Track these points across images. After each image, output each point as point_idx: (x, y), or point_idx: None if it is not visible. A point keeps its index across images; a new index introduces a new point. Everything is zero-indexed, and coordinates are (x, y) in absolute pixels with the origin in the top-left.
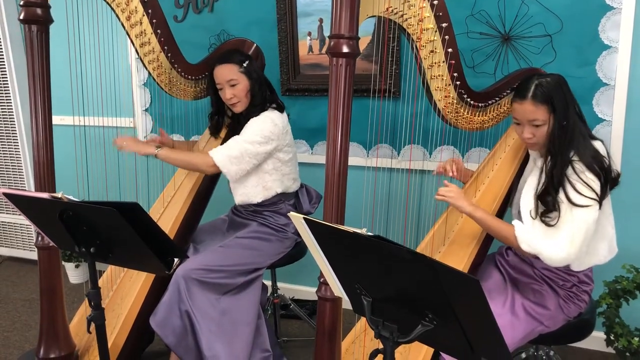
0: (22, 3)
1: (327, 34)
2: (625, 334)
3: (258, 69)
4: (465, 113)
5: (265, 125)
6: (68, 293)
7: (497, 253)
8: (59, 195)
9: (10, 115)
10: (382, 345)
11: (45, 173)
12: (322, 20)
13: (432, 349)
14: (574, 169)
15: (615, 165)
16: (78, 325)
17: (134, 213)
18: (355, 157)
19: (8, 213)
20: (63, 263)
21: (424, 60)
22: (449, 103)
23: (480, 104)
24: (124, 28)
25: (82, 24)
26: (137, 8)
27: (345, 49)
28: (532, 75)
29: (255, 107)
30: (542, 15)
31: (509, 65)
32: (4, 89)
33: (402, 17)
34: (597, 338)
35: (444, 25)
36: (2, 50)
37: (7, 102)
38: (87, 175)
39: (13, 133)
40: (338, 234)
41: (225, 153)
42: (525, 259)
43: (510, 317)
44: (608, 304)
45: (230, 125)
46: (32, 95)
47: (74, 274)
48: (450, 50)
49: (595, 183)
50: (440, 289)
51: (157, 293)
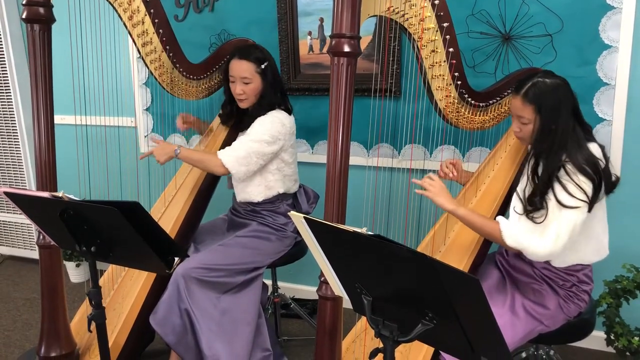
0: (24, 2)
1: (327, 34)
2: (626, 334)
3: (276, 72)
4: (466, 113)
5: (274, 126)
6: (69, 292)
7: (497, 253)
8: (60, 195)
9: (11, 115)
10: (382, 345)
11: (47, 172)
12: (322, 20)
13: (432, 348)
14: (566, 171)
15: (615, 169)
16: (79, 324)
17: (135, 212)
18: (356, 156)
19: (9, 212)
20: (64, 262)
21: (425, 60)
22: (450, 103)
23: (481, 104)
24: (126, 28)
25: (84, 24)
26: (139, 8)
27: (347, 49)
28: (536, 73)
29: (262, 107)
30: (542, 15)
31: (510, 65)
32: (5, 88)
33: (403, 16)
34: (597, 337)
35: (445, 25)
36: (2, 49)
37: (7, 101)
38: (88, 175)
39: (14, 132)
40: (338, 234)
41: (233, 155)
42: (525, 259)
43: (511, 316)
44: (608, 304)
45: (234, 121)
46: (34, 95)
47: (75, 273)
48: (451, 50)
49: (587, 185)
50: (441, 289)
51: (157, 292)
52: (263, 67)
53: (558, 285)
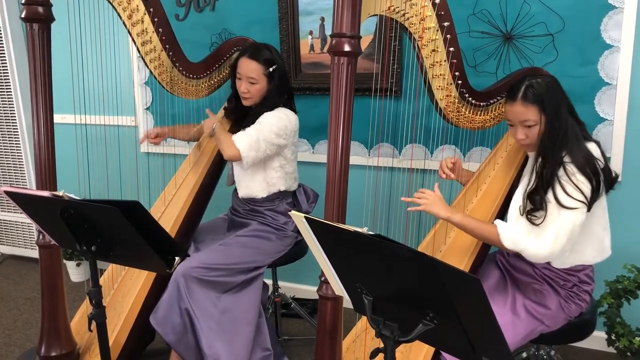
0: (23, 1)
1: (328, 33)
2: (627, 334)
3: (283, 76)
4: (467, 112)
5: (282, 121)
6: (69, 291)
7: (497, 253)
8: (60, 194)
9: (12, 114)
10: (382, 344)
11: (47, 171)
12: (323, 19)
13: (432, 348)
14: (566, 171)
15: (614, 166)
16: (79, 324)
17: (135, 211)
18: (357, 156)
19: (9, 211)
20: (64, 261)
21: (426, 59)
22: (451, 102)
23: (482, 103)
24: (126, 27)
25: (83, 23)
26: (138, 7)
27: (347, 48)
28: (524, 77)
29: (264, 108)
30: (544, 15)
31: (511, 65)
32: (6, 88)
33: (403, 16)
34: (598, 338)
35: (446, 24)
36: (3, 49)
37: (8, 100)
38: (88, 174)
39: (15, 131)
40: (339, 233)
41: (247, 139)
42: (525, 259)
43: (512, 316)
44: (609, 304)
45: (237, 117)
46: (33, 94)
47: (75, 273)
48: (452, 49)
49: (586, 186)
50: (442, 288)
51: (158, 291)
52: (271, 69)
53: (559, 285)
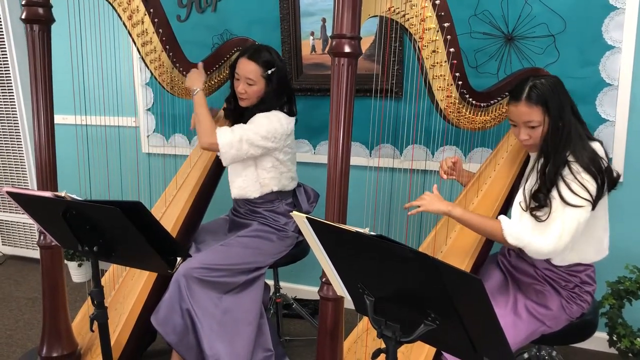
0: (23, 2)
1: (329, 34)
2: (628, 335)
3: (283, 78)
4: (468, 113)
5: (273, 124)
6: (71, 292)
7: (499, 254)
8: (63, 194)
9: (14, 115)
10: (384, 345)
11: (47, 172)
12: (325, 20)
13: (434, 349)
14: (571, 169)
15: (615, 167)
16: (80, 324)
17: (137, 212)
18: (358, 156)
19: (11, 212)
20: (66, 262)
21: (426, 60)
22: (451, 103)
23: (483, 104)
24: (126, 27)
25: (84, 24)
26: (138, 7)
27: (347, 49)
28: (527, 78)
29: (261, 108)
30: (545, 16)
31: (512, 66)
32: (8, 89)
33: (404, 17)
34: (599, 339)
35: (446, 25)
36: (5, 50)
37: (10, 101)
38: (89, 174)
39: (16, 132)
40: (340, 233)
41: (229, 135)
42: (527, 259)
43: (513, 317)
44: (611, 305)
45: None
46: (33, 95)
47: (77, 273)
48: (452, 50)
49: (591, 184)
50: (443, 289)
51: (159, 292)
52: (269, 72)
53: (560, 286)
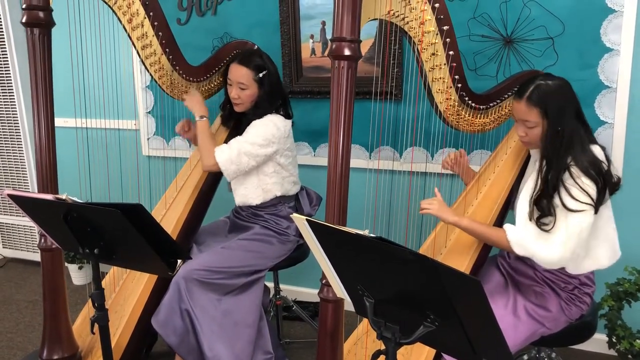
0: (24, 6)
1: (329, 37)
2: (628, 336)
3: (275, 81)
4: (467, 115)
5: (268, 129)
6: (71, 294)
7: (498, 255)
8: (63, 197)
9: (14, 117)
10: (384, 347)
11: (48, 175)
12: (324, 23)
13: (433, 350)
14: (571, 174)
15: (616, 170)
16: (81, 327)
17: (137, 214)
18: (357, 159)
19: (12, 215)
20: (66, 264)
21: (426, 63)
22: (451, 105)
23: (482, 107)
24: (126, 31)
25: (84, 27)
26: (138, 11)
27: (347, 52)
28: (537, 76)
29: (255, 114)
30: (544, 18)
31: (511, 68)
32: (9, 92)
33: (403, 19)
34: (599, 340)
35: (445, 28)
36: (6, 53)
37: (11, 104)
38: (89, 177)
39: (17, 135)
40: (340, 235)
41: (227, 152)
42: (527, 261)
43: (512, 318)
44: (610, 306)
45: (234, 123)
46: (34, 98)
47: (77, 276)
48: (452, 53)
49: (592, 188)
50: (443, 290)
51: (160, 294)
52: (261, 75)
53: (560, 288)
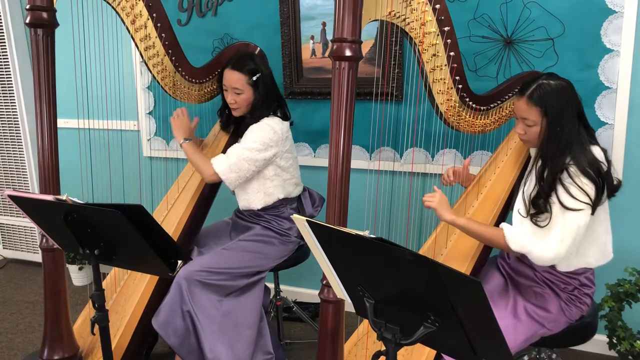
0: (28, 7)
1: (330, 38)
2: (628, 337)
3: (270, 84)
4: (467, 116)
5: (265, 133)
6: (71, 295)
7: (499, 256)
8: (64, 198)
9: (15, 118)
10: (384, 348)
11: (50, 175)
12: (325, 24)
13: (434, 351)
14: (569, 173)
15: (617, 172)
16: (82, 327)
17: (138, 215)
18: (358, 160)
19: (12, 215)
20: (66, 265)
21: (426, 64)
22: (451, 106)
23: (482, 107)
24: (129, 32)
25: (87, 28)
26: (141, 12)
27: (348, 53)
28: (541, 75)
29: (253, 116)
30: (544, 19)
31: (511, 69)
32: (9, 92)
33: (404, 20)
34: (599, 341)
35: (446, 29)
36: (6, 54)
37: (11, 105)
38: (91, 178)
39: (17, 136)
40: (341, 236)
41: (225, 161)
42: (527, 262)
43: (513, 319)
44: (610, 307)
45: (233, 127)
46: (37, 99)
47: (78, 277)
48: (452, 54)
49: (590, 188)
50: (443, 291)
51: (160, 295)
52: (255, 79)
53: (560, 289)
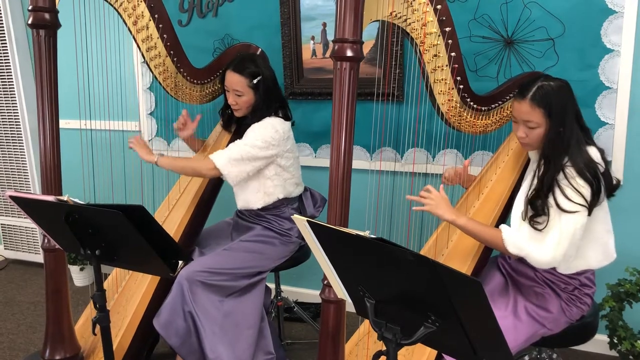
0: (30, 8)
1: (330, 38)
2: (629, 337)
3: (271, 86)
4: (468, 117)
5: (267, 131)
6: (72, 296)
7: (499, 256)
8: (65, 198)
9: (16, 119)
10: (385, 347)
11: (52, 176)
12: (325, 25)
13: (435, 351)
14: (565, 175)
15: (615, 172)
16: (83, 328)
17: (139, 216)
18: (359, 160)
19: (13, 216)
20: (68, 266)
21: (427, 64)
22: (452, 107)
23: (483, 108)
24: (131, 33)
25: (88, 29)
26: (143, 13)
27: (349, 53)
28: (538, 77)
29: (255, 116)
30: (544, 19)
31: (512, 69)
32: (10, 93)
33: (405, 21)
34: (600, 341)
35: (447, 30)
36: (8, 54)
37: (12, 105)
38: (92, 178)
39: (19, 136)
40: (341, 237)
41: (226, 156)
42: (527, 262)
43: (513, 319)
44: (611, 307)
45: (235, 127)
46: (39, 99)
47: (79, 277)
48: (454, 54)
49: (586, 189)
50: (443, 291)
51: (162, 295)
52: (255, 81)
53: (560, 289)
